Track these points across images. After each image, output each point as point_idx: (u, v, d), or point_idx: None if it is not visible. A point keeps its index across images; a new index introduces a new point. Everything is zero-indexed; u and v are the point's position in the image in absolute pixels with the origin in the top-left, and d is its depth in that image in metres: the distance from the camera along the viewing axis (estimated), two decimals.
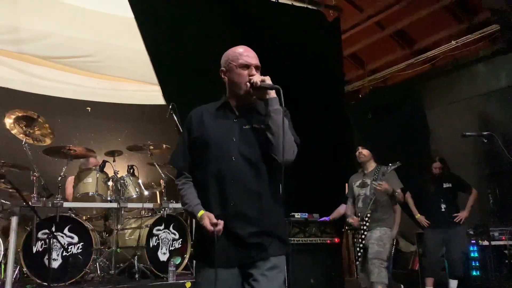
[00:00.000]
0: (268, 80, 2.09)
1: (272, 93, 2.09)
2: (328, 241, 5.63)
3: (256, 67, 2.17)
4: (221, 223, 2.01)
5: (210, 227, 2.01)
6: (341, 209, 5.64)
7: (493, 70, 6.58)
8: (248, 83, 2.11)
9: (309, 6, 6.46)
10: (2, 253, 4.27)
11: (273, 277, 2.03)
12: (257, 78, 2.10)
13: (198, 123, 2.20)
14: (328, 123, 6.08)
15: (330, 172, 5.91)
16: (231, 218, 2.03)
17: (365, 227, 4.54)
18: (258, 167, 2.09)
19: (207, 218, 2.03)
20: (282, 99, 2.02)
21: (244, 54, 2.17)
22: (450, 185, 5.41)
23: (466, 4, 6.68)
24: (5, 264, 3.96)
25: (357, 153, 4.97)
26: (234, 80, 2.16)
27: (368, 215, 4.52)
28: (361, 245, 4.53)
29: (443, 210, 5.34)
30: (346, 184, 6.87)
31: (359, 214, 4.65)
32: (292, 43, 6.17)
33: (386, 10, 7.02)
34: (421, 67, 7.40)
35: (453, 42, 6.72)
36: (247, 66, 2.14)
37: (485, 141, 3.58)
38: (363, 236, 4.52)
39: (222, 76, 2.23)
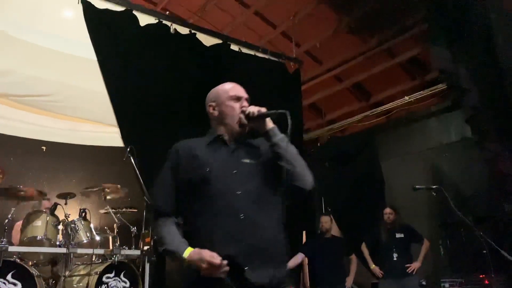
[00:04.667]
0: (264, 111, 2.07)
1: (270, 123, 2.06)
2: None
3: (246, 100, 2.16)
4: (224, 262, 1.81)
5: (217, 260, 1.79)
6: (299, 257, 5.62)
7: (445, 125, 6.87)
8: (242, 115, 2.08)
9: (271, 58, 6.65)
10: None
11: None
12: (253, 108, 2.08)
13: (188, 158, 2.05)
14: None
15: (287, 219, 5.90)
16: (242, 255, 1.86)
17: None
18: (262, 200, 2.00)
19: (206, 251, 1.83)
20: (290, 123, 1.93)
21: (235, 87, 2.18)
22: (402, 235, 5.51)
23: (419, 62, 7.05)
24: None
25: None
26: (226, 113, 2.12)
27: None
28: None
29: (395, 259, 5.41)
30: (304, 232, 6.90)
31: None
32: (254, 91, 6.23)
33: (344, 64, 7.33)
34: (377, 119, 7.66)
35: (406, 97, 7.02)
36: (238, 99, 2.14)
37: (434, 194, 3.72)
38: None
39: (211, 111, 2.17)
